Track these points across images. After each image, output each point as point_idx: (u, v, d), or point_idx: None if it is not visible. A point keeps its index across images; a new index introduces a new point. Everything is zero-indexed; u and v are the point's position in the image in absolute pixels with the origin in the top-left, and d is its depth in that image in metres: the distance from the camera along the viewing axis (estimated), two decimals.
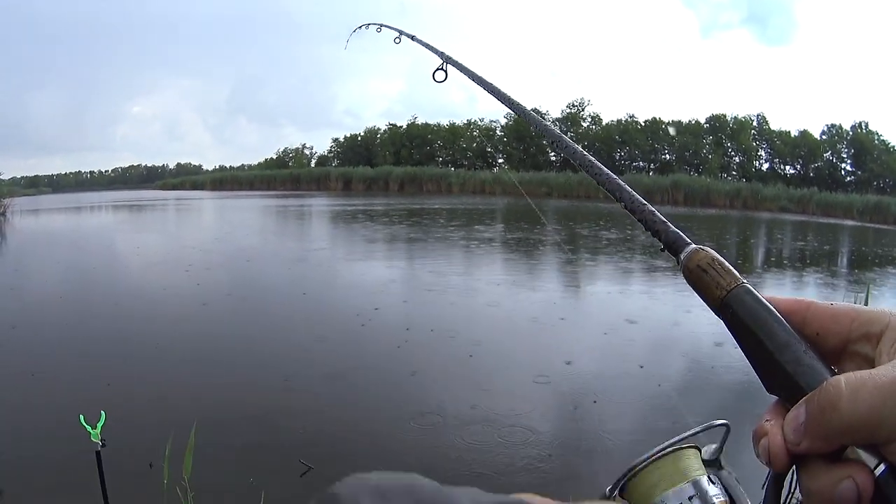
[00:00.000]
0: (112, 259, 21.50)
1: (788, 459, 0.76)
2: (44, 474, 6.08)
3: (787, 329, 0.81)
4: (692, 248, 0.94)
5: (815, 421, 0.73)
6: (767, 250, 29.01)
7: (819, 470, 0.74)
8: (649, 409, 8.25)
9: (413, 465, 6.74)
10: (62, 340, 11.06)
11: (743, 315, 0.84)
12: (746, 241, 33.64)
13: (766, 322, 0.82)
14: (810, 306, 0.84)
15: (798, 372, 0.78)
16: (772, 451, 0.77)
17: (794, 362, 0.78)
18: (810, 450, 0.74)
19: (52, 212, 47.10)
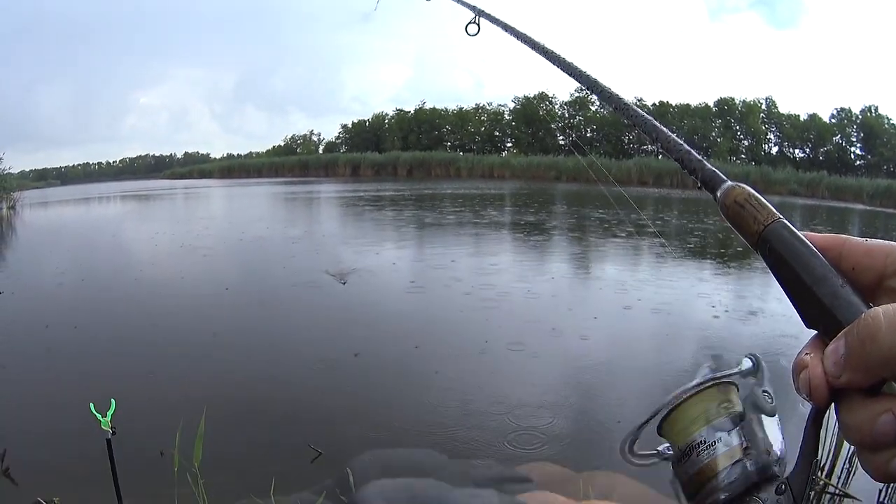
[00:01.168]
0: (119, 248, 21.54)
1: (829, 393, 0.78)
2: (56, 462, 6.10)
3: (823, 263, 0.83)
4: (729, 185, 0.96)
5: (855, 353, 0.73)
6: None
7: (858, 404, 0.76)
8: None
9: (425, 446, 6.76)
10: (72, 330, 11.08)
11: (780, 249, 0.86)
12: None
13: (803, 256, 0.84)
14: (846, 242, 0.85)
15: (835, 305, 0.79)
16: (812, 383, 0.79)
17: (832, 296, 0.80)
18: (850, 383, 0.75)
19: (62, 204, 47.18)
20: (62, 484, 5.50)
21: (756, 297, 13.69)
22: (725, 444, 0.97)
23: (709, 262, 19.33)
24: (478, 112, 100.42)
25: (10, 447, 6.29)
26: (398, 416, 7.61)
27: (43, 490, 5.35)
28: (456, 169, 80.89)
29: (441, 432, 7.08)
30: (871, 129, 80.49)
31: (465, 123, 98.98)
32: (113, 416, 3.63)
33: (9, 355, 9.80)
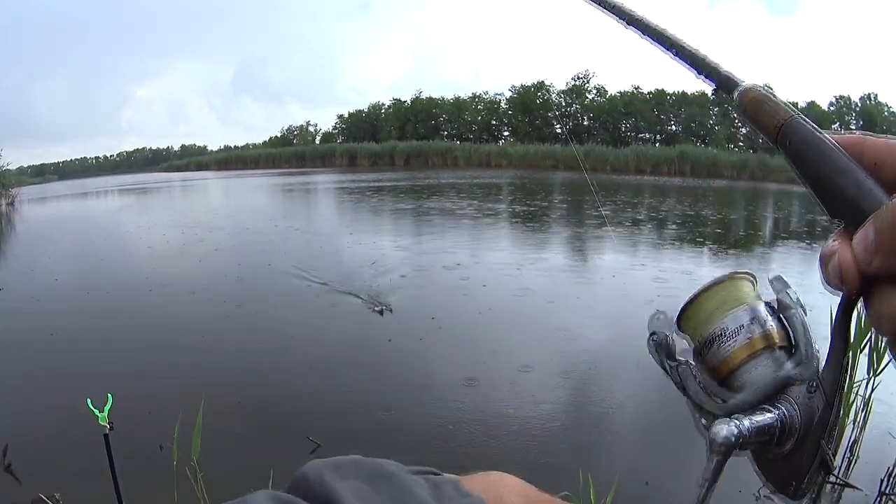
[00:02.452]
0: (117, 243, 21.44)
1: (860, 280, 0.77)
2: (56, 458, 6.08)
3: (846, 156, 0.82)
4: (746, 85, 0.96)
5: (885, 236, 0.73)
6: (777, 221, 28.99)
7: (891, 292, 0.74)
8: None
9: (422, 438, 6.74)
10: (70, 326, 11.07)
11: (801, 143, 0.86)
12: (756, 211, 33.61)
13: (824, 148, 0.83)
14: (866, 140, 0.84)
15: (861, 195, 0.79)
16: (843, 268, 0.78)
17: (857, 186, 0.80)
18: (881, 268, 0.74)
19: (59, 199, 47.23)
20: (63, 480, 5.48)
21: None
22: (747, 334, 0.97)
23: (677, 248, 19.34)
24: (475, 101, 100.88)
25: (10, 443, 6.27)
26: (398, 406, 7.60)
27: (43, 486, 5.33)
28: (453, 158, 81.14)
29: (442, 425, 7.06)
30: (871, 117, 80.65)
31: (462, 112, 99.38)
32: (110, 411, 3.60)
33: (6, 352, 9.79)
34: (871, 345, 5.84)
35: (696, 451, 3.29)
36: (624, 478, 5.17)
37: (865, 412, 6.04)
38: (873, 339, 5.81)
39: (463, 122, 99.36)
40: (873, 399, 6.01)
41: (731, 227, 25.56)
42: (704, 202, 35.69)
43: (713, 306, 1.01)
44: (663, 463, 6.22)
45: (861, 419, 6.07)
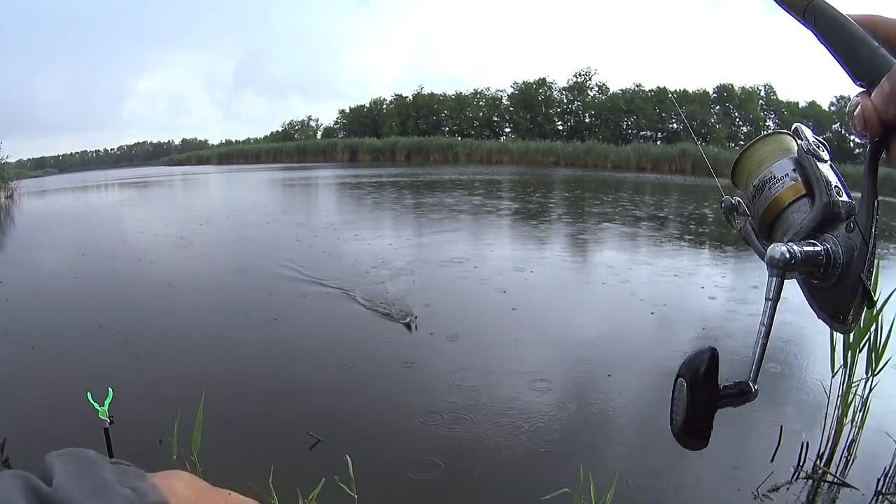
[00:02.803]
0: (117, 237, 21.39)
1: (881, 126, 0.89)
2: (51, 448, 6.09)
3: (862, 30, 0.96)
4: None
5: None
6: None
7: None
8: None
9: (422, 435, 6.76)
10: (70, 319, 11.09)
11: (826, 19, 1.00)
12: None
13: (846, 23, 0.98)
14: (876, 17, 0.98)
15: (876, 60, 0.92)
16: (865, 115, 0.89)
17: (872, 53, 0.93)
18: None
19: (59, 192, 47.18)
20: None
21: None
22: (792, 178, 1.17)
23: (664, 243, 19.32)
24: (476, 97, 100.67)
25: (9, 437, 6.28)
26: (399, 404, 7.62)
27: None
28: (454, 154, 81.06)
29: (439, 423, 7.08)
30: None
31: (464, 108, 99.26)
32: (111, 405, 3.61)
33: (4, 344, 9.80)
34: (869, 345, 5.87)
35: (698, 452, 3.30)
36: (625, 475, 5.20)
37: (863, 412, 6.06)
38: (872, 338, 5.83)
39: (464, 117, 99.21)
40: (871, 399, 6.03)
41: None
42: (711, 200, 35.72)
43: (761, 157, 1.22)
44: (664, 461, 6.25)
45: (859, 419, 6.09)
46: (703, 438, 1.16)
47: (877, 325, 5.82)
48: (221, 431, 6.11)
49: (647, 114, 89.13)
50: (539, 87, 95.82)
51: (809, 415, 7.01)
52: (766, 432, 6.62)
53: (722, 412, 1.08)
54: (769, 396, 7.89)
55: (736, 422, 7.21)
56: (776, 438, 6.37)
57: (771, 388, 8.12)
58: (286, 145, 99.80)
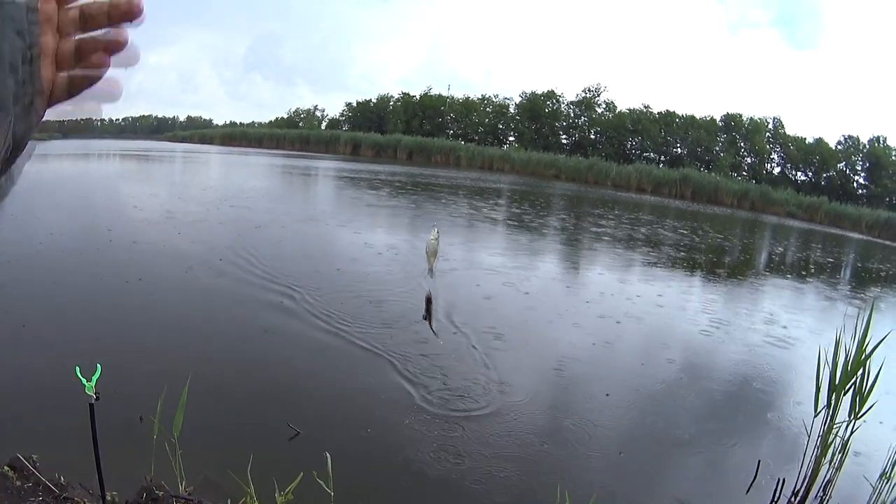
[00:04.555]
0: (114, 212, 21.25)
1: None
2: (36, 422, 6.09)
3: None
4: None
5: None
6: (776, 254, 29.00)
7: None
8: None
9: (402, 429, 6.78)
10: (60, 293, 11.05)
11: None
12: (752, 241, 33.67)
13: None
14: None
15: None
16: None
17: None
18: None
19: (61, 158, 47.03)
20: (42, 443, 5.49)
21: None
22: None
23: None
24: (483, 103, 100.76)
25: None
26: (378, 396, 7.63)
27: (22, 448, 5.34)
28: (456, 158, 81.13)
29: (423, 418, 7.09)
30: (878, 160, 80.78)
31: (470, 113, 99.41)
32: (97, 382, 3.61)
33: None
34: (855, 388, 5.89)
35: (674, 481, 3.33)
36: (603, 495, 5.20)
37: (843, 454, 6.07)
38: (858, 382, 5.85)
39: (470, 122, 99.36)
40: (851, 442, 6.04)
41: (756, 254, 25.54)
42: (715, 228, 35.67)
43: None
44: (638, 486, 6.27)
45: (837, 460, 6.10)
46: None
47: (864, 370, 5.83)
48: (203, 415, 6.09)
49: (652, 135, 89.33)
50: (547, 99, 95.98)
51: (788, 451, 7.06)
52: (743, 464, 6.64)
53: (699, 442, 1.08)
54: (750, 429, 7.91)
55: (714, 451, 7.24)
56: (753, 471, 6.39)
57: (752, 422, 8.14)
58: (290, 132, 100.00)
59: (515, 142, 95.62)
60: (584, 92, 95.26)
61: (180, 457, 4.45)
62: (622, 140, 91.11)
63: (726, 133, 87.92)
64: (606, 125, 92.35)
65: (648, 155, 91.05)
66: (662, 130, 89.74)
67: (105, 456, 3.91)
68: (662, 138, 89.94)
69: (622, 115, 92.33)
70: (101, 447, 3.87)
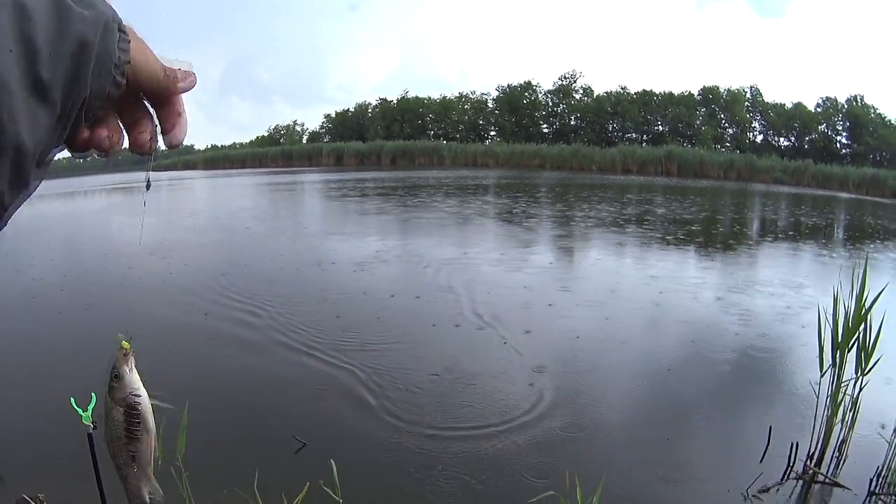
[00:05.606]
0: (101, 243, 21.32)
1: None
2: (39, 459, 6.05)
3: None
4: None
5: None
6: (768, 220, 29.02)
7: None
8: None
9: (408, 443, 6.74)
10: (50, 325, 11.02)
11: None
12: (743, 210, 33.70)
13: None
14: None
15: None
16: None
17: None
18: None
19: (44, 199, 46.98)
20: (46, 480, 5.45)
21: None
22: None
23: None
24: (461, 100, 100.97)
25: None
26: (382, 406, 7.59)
27: (29, 487, 5.29)
28: (440, 157, 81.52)
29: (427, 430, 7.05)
30: (857, 119, 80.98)
31: (449, 112, 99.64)
32: (94, 410, 3.57)
33: None
34: (858, 344, 5.85)
35: (686, 453, 3.27)
36: (611, 477, 5.17)
37: (853, 412, 6.03)
38: (861, 337, 5.82)
39: (450, 121, 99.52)
40: (861, 398, 6.01)
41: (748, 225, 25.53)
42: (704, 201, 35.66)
43: None
44: (651, 463, 6.23)
45: (849, 419, 6.06)
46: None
47: (866, 325, 5.80)
48: (206, 436, 6.05)
49: (632, 116, 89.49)
50: (524, 91, 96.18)
51: (799, 415, 6.98)
52: (756, 433, 6.59)
53: (709, 413, 1.05)
54: (758, 397, 7.88)
55: (725, 422, 7.20)
56: (765, 439, 6.35)
57: (760, 389, 8.11)
58: (272, 150, 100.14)
59: (497, 136, 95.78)
60: (561, 80, 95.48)
61: (186, 478, 4.41)
62: (603, 124, 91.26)
63: (705, 106, 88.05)
64: (586, 110, 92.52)
65: (630, 136, 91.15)
66: (642, 110, 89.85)
67: (111, 488, 3.86)
68: (642, 118, 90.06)
69: (600, 99, 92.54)
70: (107, 479, 3.82)
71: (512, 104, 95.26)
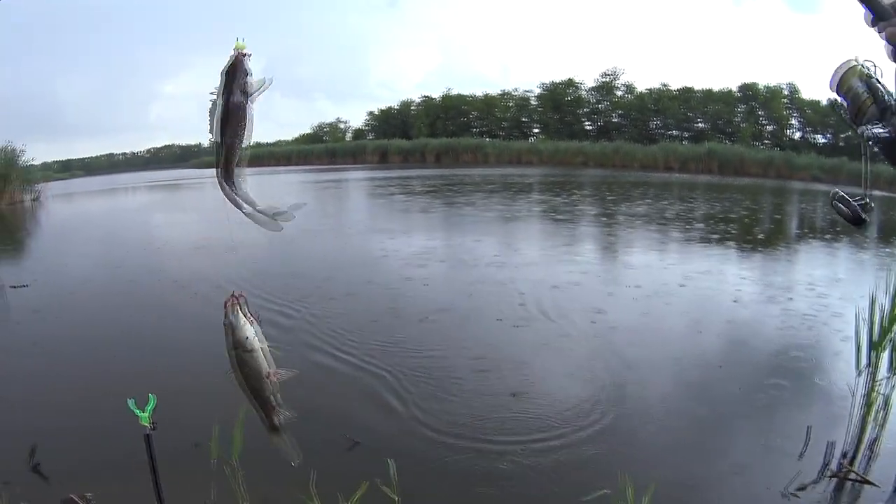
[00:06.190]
0: (148, 240, 21.54)
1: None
2: (89, 458, 6.25)
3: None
4: None
5: None
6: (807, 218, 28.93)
7: None
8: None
9: (463, 436, 6.90)
10: (100, 322, 11.19)
11: None
12: (784, 208, 33.57)
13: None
14: None
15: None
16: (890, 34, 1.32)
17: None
18: None
19: (87, 195, 47.40)
20: (95, 480, 5.63)
21: None
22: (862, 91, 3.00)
23: None
24: (504, 98, 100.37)
25: (44, 444, 6.43)
26: (432, 404, 7.72)
27: (76, 486, 5.46)
28: (483, 155, 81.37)
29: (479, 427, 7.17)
30: None
31: (492, 109, 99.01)
32: (152, 412, 3.70)
33: (35, 348, 9.95)
34: (892, 344, 5.95)
35: (729, 453, 3.49)
36: (663, 479, 5.29)
37: (885, 410, 6.13)
38: (895, 337, 5.91)
39: (493, 118, 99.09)
40: (893, 398, 6.10)
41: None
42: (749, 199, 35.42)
43: (849, 80, 3.11)
44: (696, 462, 6.37)
45: (881, 417, 6.16)
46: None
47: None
48: (258, 436, 6.16)
49: (673, 113, 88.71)
50: (567, 88, 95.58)
51: (836, 414, 7.26)
52: (795, 432, 6.75)
53: (754, 414, 1.22)
54: (798, 396, 7.98)
55: (766, 423, 7.32)
56: (804, 438, 6.47)
57: (800, 389, 8.22)
58: (316, 147, 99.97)
59: (540, 133, 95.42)
60: (603, 77, 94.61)
61: (241, 478, 4.51)
62: (645, 121, 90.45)
63: (744, 103, 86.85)
64: (628, 107, 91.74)
65: (671, 133, 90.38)
66: (682, 107, 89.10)
67: (164, 487, 3.99)
68: (683, 115, 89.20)
69: (642, 96, 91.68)
70: (164, 479, 3.96)
71: (555, 101, 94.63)
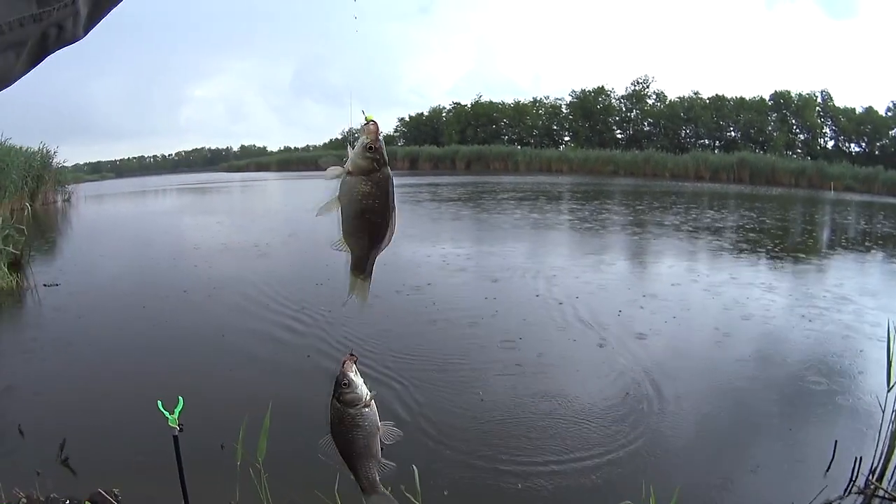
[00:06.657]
0: (178, 243, 21.49)
1: None
2: (117, 455, 6.45)
3: None
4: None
5: None
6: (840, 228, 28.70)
7: None
8: None
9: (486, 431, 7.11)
10: (131, 324, 11.37)
11: None
12: (817, 219, 33.31)
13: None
14: None
15: None
16: None
17: None
18: None
19: (117, 197, 47.66)
20: (123, 476, 5.84)
21: None
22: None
23: None
24: (535, 105, 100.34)
25: (73, 439, 6.67)
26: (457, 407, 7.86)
27: (104, 482, 5.69)
28: (514, 163, 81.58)
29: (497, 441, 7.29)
30: None
31: (523, 117, 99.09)
32: (181, 414, 3.89)
33: (67, 346, 10.17)
34: None
35: (755, 467, 3.80)
36: (684, 488, 5.44)
37: None
38: None
39: (524, 126, 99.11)
40: None
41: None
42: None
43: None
44: (721, 474, 6.47)
45: None
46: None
47: None
48: (286, 439, 6.32)
49: (704, 122, 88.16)
50: (598, 95, 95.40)
51: (863, 430, 7.14)
52: (821, 447, 6.72)
53: (780, 428, 1.34)
54: (824, 410, 7.99)
55: (792, 437, 7.38)
56: (830, 453, 6.49)
57: (825, 403, 8.19)
58: (345, 152, 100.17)
59: (571, 141, 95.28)
60: (633, 85, 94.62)
61: (266, 480, 4.66)
62: (676, 129, 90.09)
63: (776, 111, 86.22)
64: (659, 116, 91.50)
65: (703, 142, 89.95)
66: (714, 115, 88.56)
67: (190, 488, 4.18)
68: (715, 123, 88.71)
69: (673, 105, 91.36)
70: (190, 480, 4.14)
71: (585, 109, 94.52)
